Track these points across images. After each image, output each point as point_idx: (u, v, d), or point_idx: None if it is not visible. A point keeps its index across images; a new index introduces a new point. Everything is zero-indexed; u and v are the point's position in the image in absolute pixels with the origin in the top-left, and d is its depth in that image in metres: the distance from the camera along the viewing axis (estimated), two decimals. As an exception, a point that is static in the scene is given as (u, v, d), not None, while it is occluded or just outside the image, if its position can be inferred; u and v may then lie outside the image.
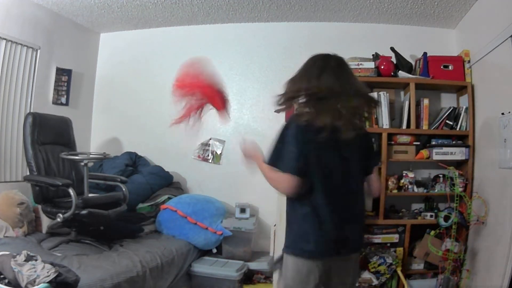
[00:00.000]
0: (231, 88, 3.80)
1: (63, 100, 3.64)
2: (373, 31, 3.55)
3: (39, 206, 2.78)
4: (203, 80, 1.75)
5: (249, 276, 3.12)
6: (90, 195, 2.79)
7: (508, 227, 2.40)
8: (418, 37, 3.48)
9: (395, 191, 3.08)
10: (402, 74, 3.18)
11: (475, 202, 2.81)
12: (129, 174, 3.46)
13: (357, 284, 1.55)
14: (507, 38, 2.50)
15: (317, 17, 3.55)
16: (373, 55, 3.26)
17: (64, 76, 3.63)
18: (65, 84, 3.64)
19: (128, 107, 3.97)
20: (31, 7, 3.24)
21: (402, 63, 3.25)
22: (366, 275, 2.86)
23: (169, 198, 3.41)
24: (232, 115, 3.77)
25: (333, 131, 1.45)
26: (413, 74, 3.22)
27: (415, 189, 3.09)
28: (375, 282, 2.86)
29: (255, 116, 3.73)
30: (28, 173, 2.76)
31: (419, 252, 2.98)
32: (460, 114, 3.06)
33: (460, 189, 2.85)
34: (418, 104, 3.15)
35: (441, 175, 3.11)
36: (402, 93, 3.40)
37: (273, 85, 3.69)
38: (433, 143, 3.05)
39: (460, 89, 3.22)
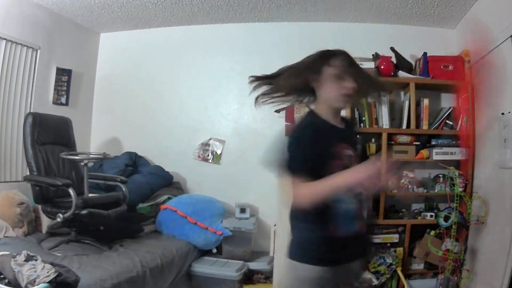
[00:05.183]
0: (231, 88, 3.81)
1: (63, 100, 3.64)
2: (373, 31, 3.55)
3: (39, 206, 2.78)
4: None
5: (249, 276, 3.12)
6: (90, 195, 2.80)
7: (508, 227, 2.40)
8: (418, 37, 3.48)
9: (395, 191, 3.08)
10: (402, 74, 3.18)
11: (475, 202, 2.81)
12: (129, 174, 3.45)
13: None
14: (507, 38, 2.50)
15: (317, 17, 3.55)
16: (373, 55, 3.26)
17: (64, 76, 3.62)
18: (65, 84, 3.64)
19: (128, 107, 3.97)
20: (31, 7, 3.24)
21: (402, 63, 3.25)
22: (366, 275, 2.86)
23: (169, 198, 3.41)
24: (232, 115, 3.79)
25: None
26: (413, 74, 3.22)
27: (415, 189, 3.09)
28: (375, 282, 2.86)
29: (255, 116, 3.72)
30: (28, 173, 2.76)
31: (419, 252, 2.98)
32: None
33: (460, 189, 2.85)
34: (418, 104, 3.14)
35: (441, 175, 3.11)
36: (402, 93, 3.40)
37: (273, 85, 3.69)
38: (433, 143, 3.05)
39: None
